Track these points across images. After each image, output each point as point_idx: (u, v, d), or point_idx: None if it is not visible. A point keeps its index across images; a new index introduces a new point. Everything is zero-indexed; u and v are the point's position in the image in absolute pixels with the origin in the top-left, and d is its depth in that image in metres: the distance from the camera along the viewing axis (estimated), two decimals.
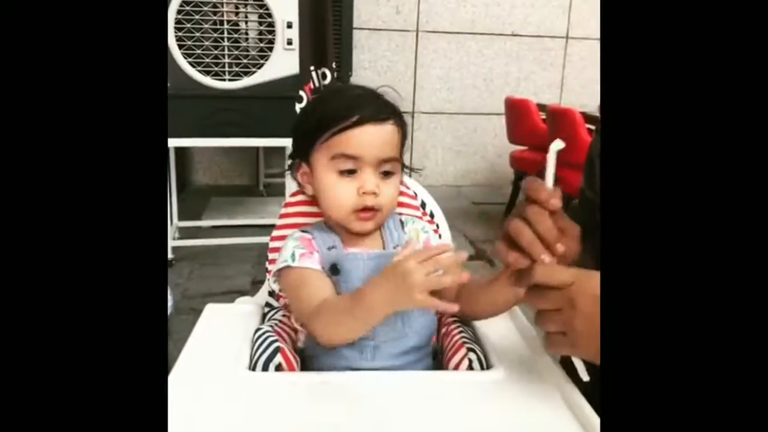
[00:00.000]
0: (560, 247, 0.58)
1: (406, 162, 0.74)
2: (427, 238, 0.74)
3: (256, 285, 2.26)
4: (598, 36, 0.57)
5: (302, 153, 0.72)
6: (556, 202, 0.58)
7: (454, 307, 0.59)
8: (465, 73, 3.83)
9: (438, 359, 0.71)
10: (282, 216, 0.80)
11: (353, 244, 0.72)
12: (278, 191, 3.24)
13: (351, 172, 0.68)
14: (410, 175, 0.81)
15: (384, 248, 0.73)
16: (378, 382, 0.61)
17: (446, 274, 0.56)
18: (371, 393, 0.59)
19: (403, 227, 0.75)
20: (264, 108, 2.25)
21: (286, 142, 2.38)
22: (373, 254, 0.70)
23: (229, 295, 2.33)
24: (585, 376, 0.58)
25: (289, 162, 0.77)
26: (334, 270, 0.69)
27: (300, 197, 0.80)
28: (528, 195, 0.60)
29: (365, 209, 0.68)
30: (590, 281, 0.54)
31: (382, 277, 0.59)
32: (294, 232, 0.73)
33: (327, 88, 0.75)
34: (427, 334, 0.69)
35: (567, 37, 3.85)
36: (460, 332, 0.70)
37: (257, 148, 3.53)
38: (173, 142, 2.26)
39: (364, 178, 0.68)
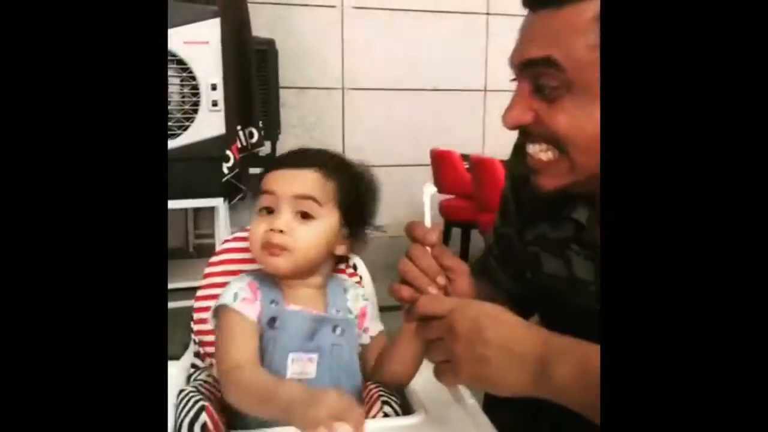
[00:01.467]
0: (441, 280, 0.63)
1: None
2: (365, 306, 0.76)
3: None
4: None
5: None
6: (431, 237, 0.64)
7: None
8: (392, 127, 3.95)
9: None
10: (206, 275, 0.80)
11: (294, 300, 0.71)
12: (208, 251, 3.17)
13: (269, 211, 0.70)
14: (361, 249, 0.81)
15: (325, 310, 0.73)
16: None
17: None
18: None
19: (345, 292, 0.76)
20: (191, 169, 2.24)
21: (215, 202, 2.37)
22: (314, 315, 0.71)
23: None
24: (468, 400, 0.61)
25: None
26: (270, 323, 0.69)
27: (224, 256, 0.81)
28: (408, 234, 0.65)
29: (271, 244, 0.69)
30: (469, 307, 0.57)
31: (301, 390, 0.58)
32: (243, 276, 0.73)
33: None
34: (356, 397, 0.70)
35: (485, 90, 4.06)
36: (377, 386, 0.70)
37: (185, 209, 3.47)
38: None
39: (276, 216, 0.69)
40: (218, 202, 2.35)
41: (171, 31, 2.14)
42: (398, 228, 3.09)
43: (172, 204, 2.38)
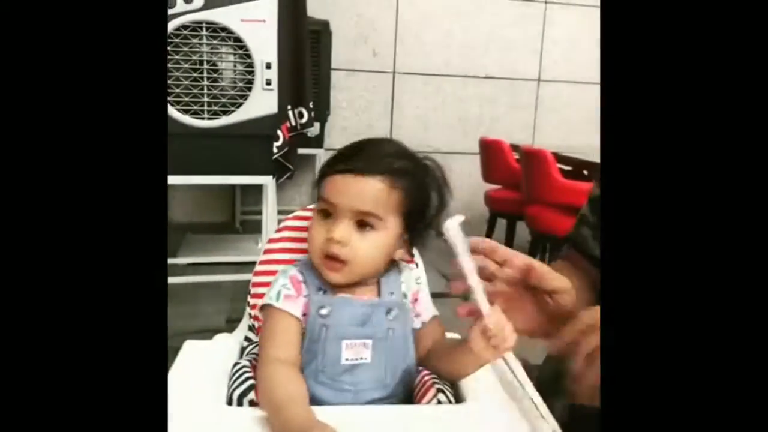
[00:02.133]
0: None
1: None
2: (417, 290, 0.74)
3: (230, 323, 2.23)
4: (568, 78, 0.61)
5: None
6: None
7: None
8: (440, 113, 3.92)
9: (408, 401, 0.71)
10: (266, 252, 0.80)
11: (345, 288, 0.70)
12: (254, 228, 3.23)
13: (327, 215, 0.68)
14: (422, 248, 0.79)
15: (379, 295, 0.71)
16: (353, 416, 0.61)
17: None
18: (347, 428, 0.59)
19: (400, 274, 0.74)
20: (241, 146, 2.27)
21: (263, 180, 2.39)
22: (365, 302, 0.70)
23: (203, 334, 2.28)
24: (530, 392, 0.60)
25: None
26: (320, 312, 0.68)
27: (285, 233, 0.80)
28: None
29: (329, 257, 0.67)
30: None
31: (301, 419, 0.58)
32: (288, 269, 0.72)
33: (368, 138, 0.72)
34: (403, 388, 0.70)
35: (539, 80, 3.97)
36: (431, 373, 0.70)
37: (234, 186, 3.54)
38: None
39: (335, 224, 0.67)
40: (267, 180, 2.38)
41: (229, 8, 2.17)
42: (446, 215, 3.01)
43: (222, 179, 2.43)
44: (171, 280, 2.49)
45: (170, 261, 2.74)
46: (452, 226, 0.57)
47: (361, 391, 0.65)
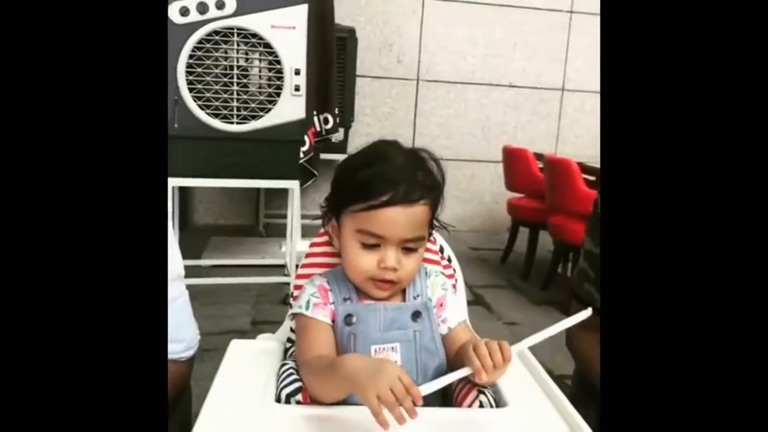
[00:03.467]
0: None
1: None
2: (444, 295, 0.76)
3: (255, 325, 2.26)
4: (592, 88, 0.63)
5: (334, 210, 0.74)
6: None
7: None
8: (463, 121, 3.93)
9: (448, 402, 0.72)
10: (308, 255, 0.83)
11: (370, 296, 0.73)
12: (278, 232, 3.27)
13: (374, 246, 0.70)
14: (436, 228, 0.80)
15: (404, 299, 0.74)
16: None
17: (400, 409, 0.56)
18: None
19: (426, 278, 0.77)
20: (268, 151, 2.31)
21: (289, 184, 2.43)
22: (391, 305, 0.72)
23: (228, 335, 2.32)
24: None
25: (322, 207, 0.78)
26: (347, 320, 0.71)
27: (324, 238, 0.83)
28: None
29: (384, 281, 0.70)
30: None
31: (365, 360, 0.61)
32: (314, 279, 0.76)
33: (371, 147, 0.74)
34: (441, 392, 0.69)
35: (563, 89, 3.97)
36: None
37: (258, 189, 3.58)
38: (179, 182, 2.30)
39: (386, 253, 0.69)
40: (294, 185, 2.41)
41: (260, 15, 2.20)
42: (468, 222, 3.07)
43: (251, 183, 2.46)
44: (196, 281, 2.53)
45: (195, 263, 2.78)
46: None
47: None
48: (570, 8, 3.90)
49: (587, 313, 0.63)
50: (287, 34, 2.27)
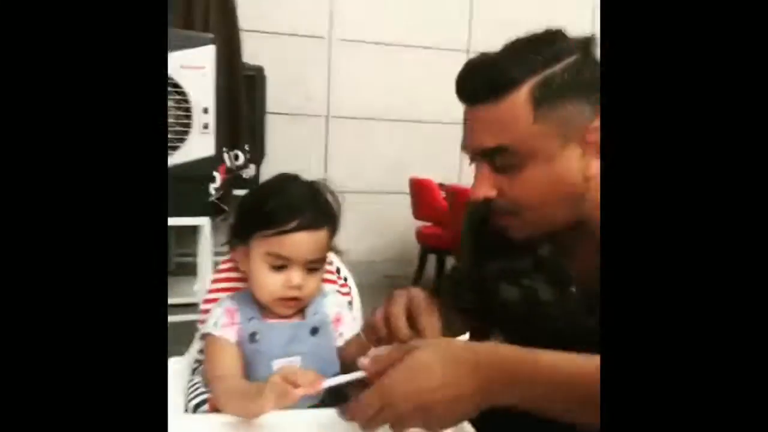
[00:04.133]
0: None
1: None
2: (339, 312, 0.85)
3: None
4: None
5: (241, 236, 0.81)
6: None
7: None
8: (373, 155, 4.07)
9: None
10: (214, 281, 0.90)
11: (273, 315, 0.81)
12: (190, 271, 3.23)
13: (280, 268, 0.78)
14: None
15: (303, 317, 0.82)
16: (295, 420, 0.70)
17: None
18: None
19: (324, 296, 0.85)
20: (179, 188, 2.31)
21: (199, 221, 2.44)
22: (292, 323, 0.81)
23: None
24: None
25: (226, 240, 0.86)
26: (252, 338, 0.78)
27: (231, 264, 0.90)
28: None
29: (290, 299, 0.78)
30: (401, 373, 0.58)
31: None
32: (222, 301, 0.83)
33: (275, 180, 0.86)
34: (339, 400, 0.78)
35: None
36: None
37: (167, 229, 3.52)
38: None
39: (292, 274, 0.77)
40: (204, 221, 2.43)
41: (169, 56, 2.24)
42: (378, 253, 3.18)
43: None
44: None
45: None
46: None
47: (295, 405, 0.73)
48: (467, 47, 4.18)
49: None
50: (195, 73, 2.31)
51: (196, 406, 0.74)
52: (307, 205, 0.79)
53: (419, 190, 3.29)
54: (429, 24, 4.04)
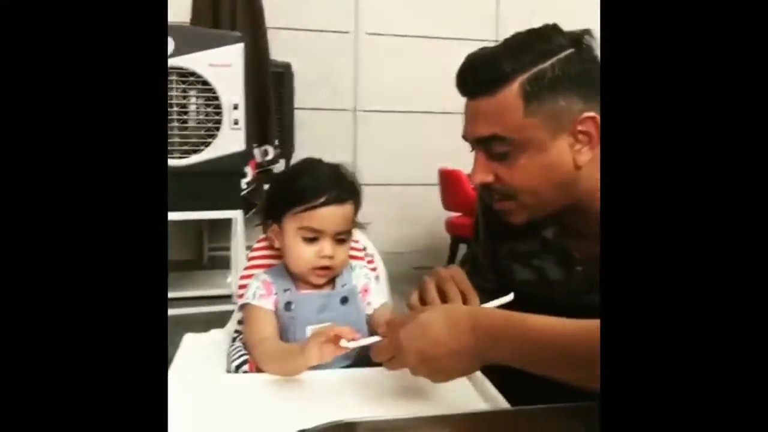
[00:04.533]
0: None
1: None
2: (367, 283, 0.92)
3: None
4: None
5: (275, 216, 0.89)
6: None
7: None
8: (400, 147, 4.10)
9: None
10: (250, 258, 0.97)
11: (306, 287, 0.88)
12: (223, 264, 3.31)
13: (312, 240, 0.85)
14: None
15: (333, 288, 0.89)
16: (330, 378, 0.78)
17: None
18: (324, 388, 0.75)
19: (351, 270, 0.91)
20: (212, 183, 2.39)
21: (232, 214, 2.50)
22: (323, 293, 0.87)
23: None
24: None
25: (259, 221, 0.94)
26: (287, 306, 0.85)
27: (264, 243, 0.96)
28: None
29: (322, 268, 0.85)
30: (412, 326, 0.68)
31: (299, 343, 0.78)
32: (259, 274, 0.89)
33: (301, 163, 0.95)
34: (367, 361, 0.82)
35: None
36: None
37: (201, 223, 3.62)
38: None
39: (323, 245, 0.85)
40: (237, 214, 2.49)
41: (198, 55, 2.31)
42: (407, 245, 3.22)
43: (195, 215, 2.53)
44: None
45: None
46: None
47: (329, 365, 0.79)
48: (495, 38, 4.16)
49: (510, 297, 0.75)
50: (224, 71, 2.38)
51: (237, 367, 0.80)
52: (332, 182, 0.86)
53: (448, 181, 3.30)
54: (455, 15, 4.04)
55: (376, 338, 0.73)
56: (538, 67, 0.73)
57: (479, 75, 0.76)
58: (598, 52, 0.76)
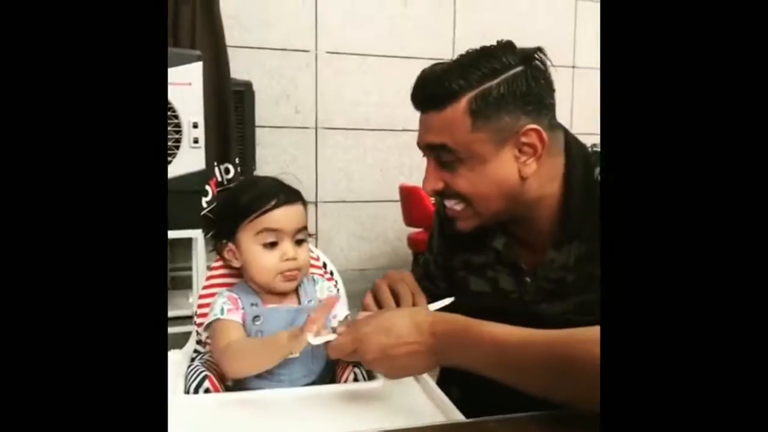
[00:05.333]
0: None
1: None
2: (329, 296, 0.92)
3: None
4: None
5: (228, 234, 0.89)
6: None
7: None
8: (362, 165, 4.12)
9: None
10: (208, 278, 0.97)
11: (272, 301, 0.88)
12: (185, 284, 3.25)
13: (273, 245, 0.85)
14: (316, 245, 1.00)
15: (300, 302, 0.90)
16: (288, 396, 0.78)
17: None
18: (283, 406, 0.75)
19: (315, 284, 0.93)
20: (171, 202, 2.35)
21: (192, 234, 2.47)
22: (291, 308, 0.88)
23: None
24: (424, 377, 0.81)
25: (211, 246, 0.95)
26: (255, 320, 0.85)
27: (220, 264, 0.97)
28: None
29: (289, 271, 0.86)
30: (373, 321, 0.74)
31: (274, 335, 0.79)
32: (222, 291, 0.89)
33: (241, 182, 1.00)
34: (326, 374, 0.86)
35: None
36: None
37: None
38: None
39: (284, 247, 0.85)
40: (197, 234, 2.47)
41: None
42: (370, 261, 3.25)
43: None
44: None
45: None
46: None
47: (294, 380, 0.80)
48: (452, 56, 4.24)
49: (450, 299, 0.80)
50: (184, 90, 2.36)
51: (197, 387, 0.80)
52: (278, 188, 0.90)
53: (409, 197, 3.34)
54: (412, 35, 4.11)
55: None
56: (484, 86, 0.77)
57: (429, 91, 0.81)
58: (549, 67, 0.80)
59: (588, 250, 0.80)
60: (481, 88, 0.77)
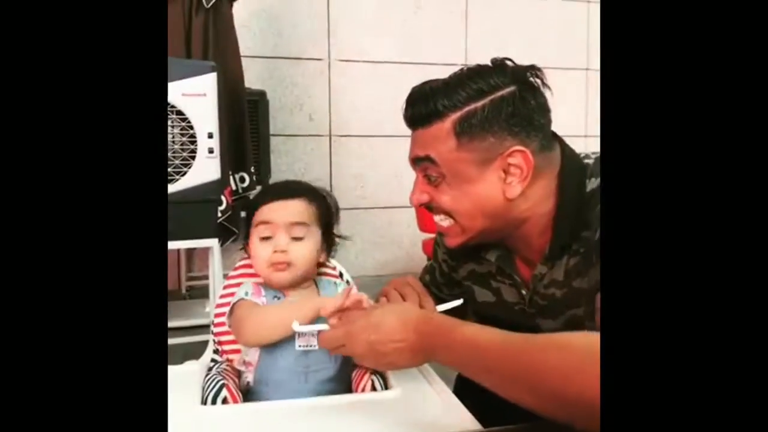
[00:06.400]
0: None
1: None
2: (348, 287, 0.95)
3: None
4: None
5: (246, 236, 0.94)
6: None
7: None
8: (376, 171, 4.13)
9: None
10: (228, 278, 1.01)
11: (293, 296, 0.91)
12: (201, 294, 3.28)
13: (268, 239, 0.88)
14: (334, 253, 1.01)
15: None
16: (304, 406, 0.79)
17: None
18: (300, 417, 0.75)
19: (336, 287, 0.96)
20: (188, 212, 2.38)
21: (209, 243, 2.49)
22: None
23: None
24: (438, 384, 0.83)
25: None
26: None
27: (238, 272, 0.99)
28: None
29: (278, 263, 0.88)
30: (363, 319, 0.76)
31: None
32: (247, 281, 0.93)
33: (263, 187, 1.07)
34: (344, 368, 0.87)
35: None
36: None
37: (178, 252, 3.59)
38: None
39: (277, 240, 0.88)
40: (213, 243, 2.48)
41: (171, 85, 2.32)
42: (390, 267, 3.26)
43: (172, 245, 2.51)
44: None
45: None
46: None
47: (312, 372, 0.81)
48: (465, 62, 4.25)
49: (459, 301, 0.80)
50: (198, 100, 2.39)
51: (214, 397, 0.80)
52: (280, 187, 0.96)
53: None
54: (424, 41, 4.12)
55: (324, 326, 0.79)
56: (470, 107, 0.78)
57: (416, 109, 0.83)
58: (541, 86, 0.80)
59: (576, 265, 0.79)
60: (466, 109, 0.78)
